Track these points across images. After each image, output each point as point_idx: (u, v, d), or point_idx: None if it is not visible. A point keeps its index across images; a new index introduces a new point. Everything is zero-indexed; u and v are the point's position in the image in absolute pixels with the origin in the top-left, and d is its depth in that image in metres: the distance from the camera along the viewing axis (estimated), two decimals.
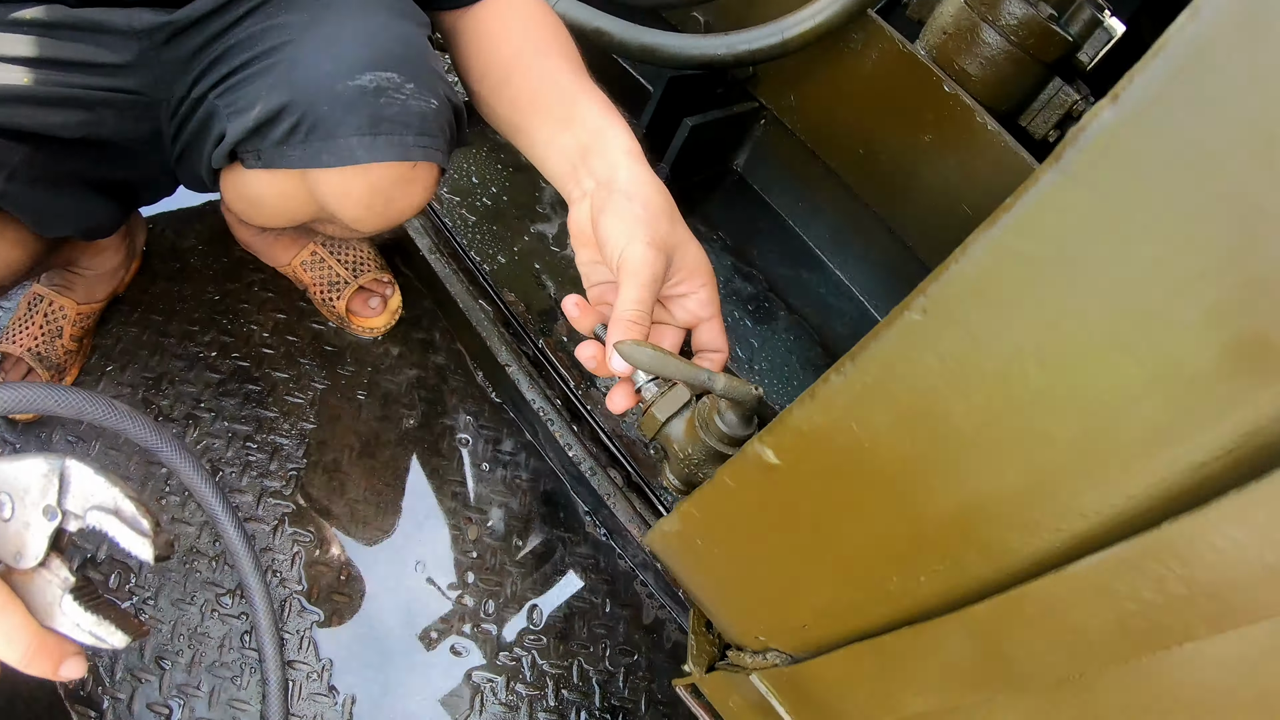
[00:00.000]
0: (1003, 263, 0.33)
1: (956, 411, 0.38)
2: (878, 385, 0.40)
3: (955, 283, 0.34)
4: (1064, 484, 0.37)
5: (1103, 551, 0.36)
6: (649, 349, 0.64)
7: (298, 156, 0.78)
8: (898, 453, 0.41)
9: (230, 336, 1.20)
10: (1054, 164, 0.31)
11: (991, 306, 0.34)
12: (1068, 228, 0.31)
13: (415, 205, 0.86)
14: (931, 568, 0.45)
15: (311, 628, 1.02)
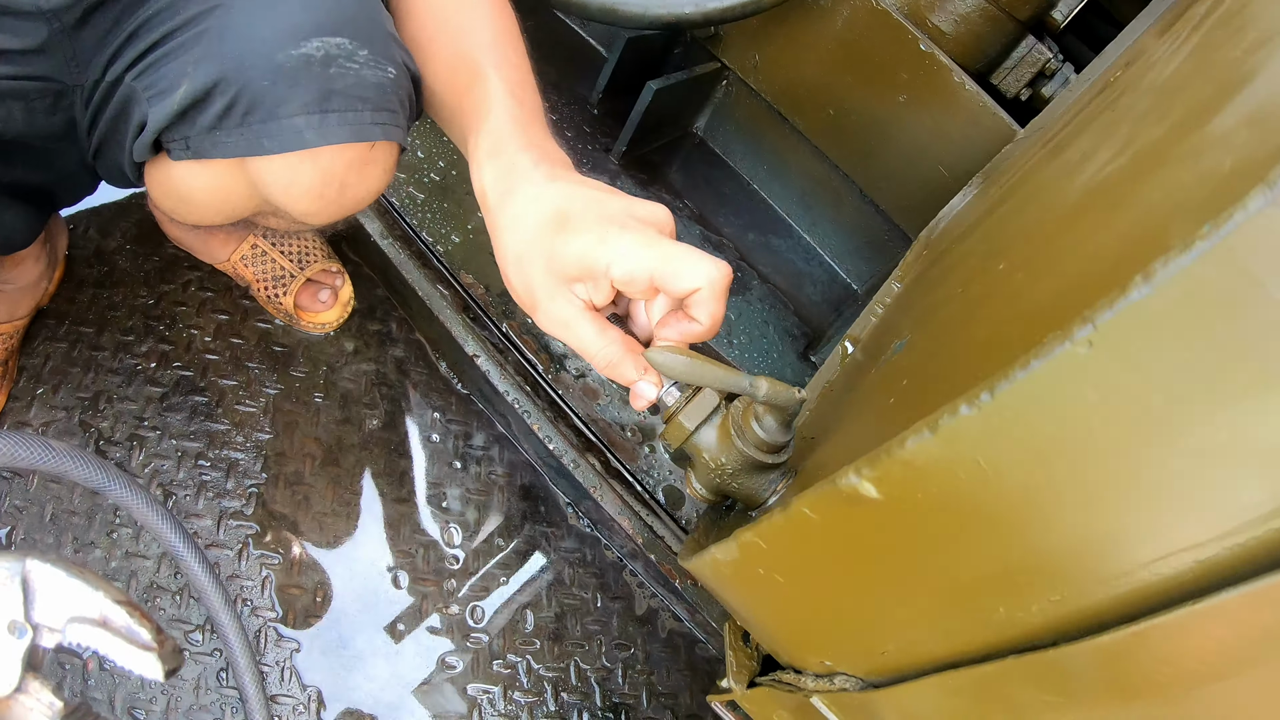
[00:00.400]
0: (1193, 295, 0.29)
1: (1105, 447, 0.34)
2: (1019, 419, 0.36)
3: (1135, 314, 0.30)
4: (1211, 519, 0.34)
5: (1240, 586, 0.35)
6: (684, 356, 0.59)
7: (234, 143, 0.67)
8: (1027, 486, 0.38)
9: (169, 344, 1.08)
10: (1265, 187, 0.27)
11: (1171, 341, 0.30)
12: (1268, 259, 0.27)
13: (373, 191, 0.76)
14: (1048, 597, 0.42)
15: (291, 656, 0.95)
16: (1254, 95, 0.40)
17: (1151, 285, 0.31)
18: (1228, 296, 0.29)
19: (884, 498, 0.42)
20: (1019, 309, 0.47)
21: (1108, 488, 0.36)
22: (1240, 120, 0.39)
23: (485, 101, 0.68)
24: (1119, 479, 0.36)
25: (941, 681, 0.48)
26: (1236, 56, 0.47)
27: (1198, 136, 0.42)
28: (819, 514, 0.46)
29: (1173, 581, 0.38)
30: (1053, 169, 0.71)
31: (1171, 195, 0.38)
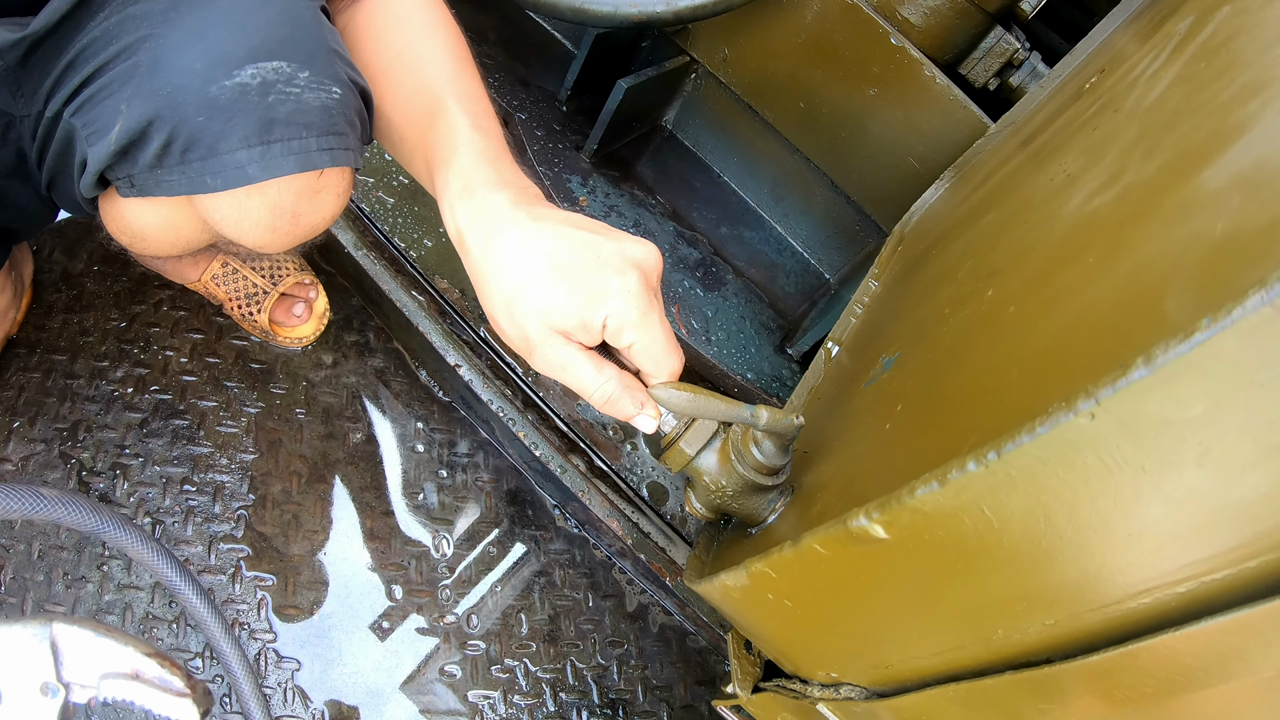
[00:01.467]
0: (1188, 379, 0.32)
1: (1104, 502, 0.37)
2: (1022, 476, 0.38)
3: (1134, 392, 0.33)
4: (1196, 559, 0.38)
5: (1222, 615, 0.38)
6: (686, 392, 0.60)
7: (177, 182, 0.64)
8: (1029, 533, 0.40)
9: (145, 368, 1.06)
10: (1263, 293, 0.30)
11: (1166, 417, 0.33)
12: (1263, 353, 0.30)
13: (327, 218, 0.72)
14: (1044, 622, 0.45)
15: (293, 677, 0.96)
16: (1244, 154, 0.42)
17: (1151, 368, 0.33)
18: (1220, 384, 0.32)
19: (892, 539, 0.45)
20: (1016, 351, 0.49)
21: (1102, 532, 0.39)
22: (1230, 180, 0.41)
23: (451, 138, 0.67)
24: (1112, 526, 0.38)
25: (943, 693, 0.51)
26: (1224, 102, 0.49)
27: (1189, 189, 0.44)
28: (829, 550, 0.48)
29: (1157, 610, 0.41)
30: (1039, 184, 0.72)
31: (1165, 252, 0.41)
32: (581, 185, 1.24)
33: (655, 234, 1.26)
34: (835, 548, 0.48)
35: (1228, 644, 0.39)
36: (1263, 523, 0.36)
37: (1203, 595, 0.39)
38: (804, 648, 0.60)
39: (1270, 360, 0.31)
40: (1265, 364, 0.31)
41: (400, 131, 0.73)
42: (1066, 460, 0.36)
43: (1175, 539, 0.38)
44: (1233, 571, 0.38)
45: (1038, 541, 0.41)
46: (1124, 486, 0.37)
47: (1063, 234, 0.56)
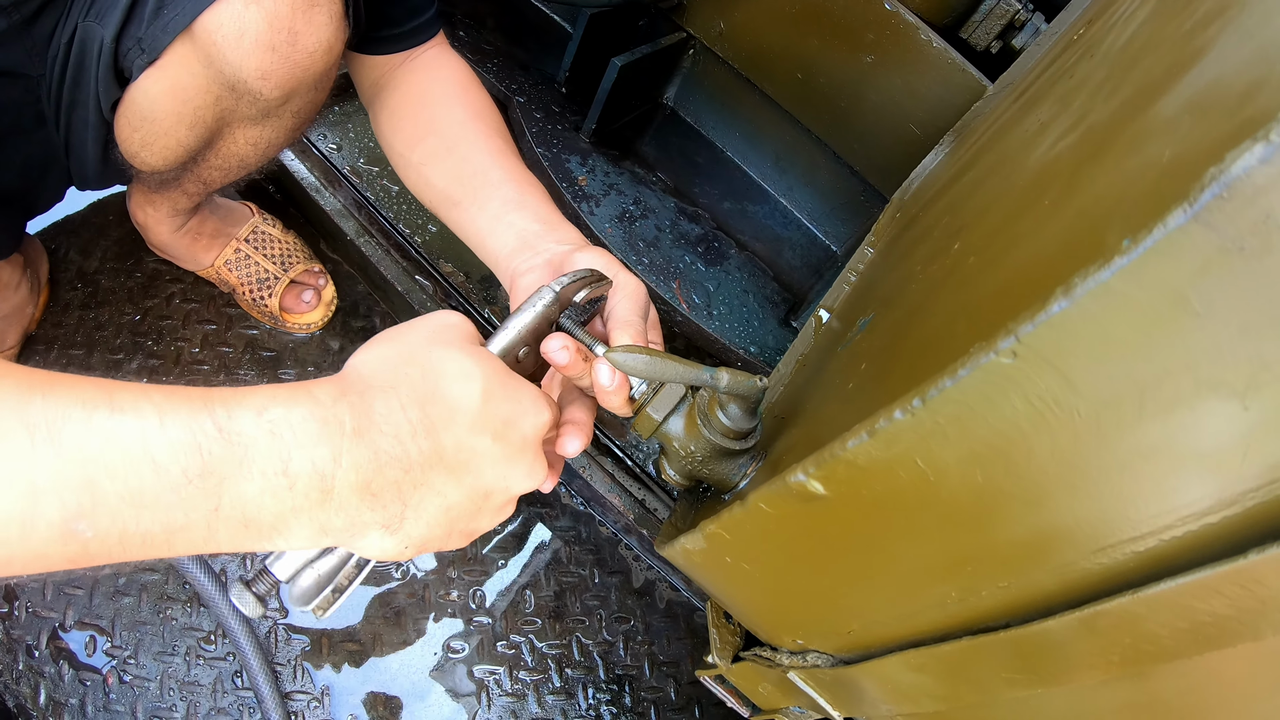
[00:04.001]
0: (1112, 308, 0.30)
1: (1040, 449, 0.36)
2: (951, 424, 0.37)
3: (1056, 327, 0.31)
4: (1146, 515, 0.36)
5: (1185, 575, 0.36)
6: (643, 354, 0.60)
7: (180, 13, 0.69)
8: (967, 485, 0.39)
9: (158, 359, 1.09)
10: (1186, 206, 0.28)
11: (1094, 352, 0.31)
12: (1191, 277, 0.28)
13: (324, 41, 0.75)
14: (996, 584, 0.44)
15: (302, 654, 0.98)
16: (1199, 78, 0.40)
17: (1071, 299, 0.31)
18: (1150, 310, 0.30)
19: (831, 494, 0.44)
20: (967, 300, 0.47)
21: (1045, 487, 0.38)
22: (1183, 105, 0.39)
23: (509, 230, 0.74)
24: (1052, 477, 0.37)
25: (905, 659, 0.50)
26: (1187, 30, 0.47)
27: (1144, 119, 0.42)
28: (773, 508, 0.48)
29: (1113, 570, 0.40)
30: (1015, 137, 0.71)
31: (1115, 186, 0.39)
32: (580, 165, 1.24)
33: (656, 210, 1.26)
34: (779, 505, 0.47)
35: (1194, 608, 0.37)
36: (1222, 473, 0.34)
37: (1162, 554, 0.38)
38: (768, 613, 0.59)
39: (1205, 284, 0.28)
40: (1200, 289, 0.29)
41: (469, 188, 0.79)
42: (993, 404, 0.35)
43: (1124, 491, 0.36)
44: (1193, 528, 0.36)
45: (977, 496, 0.40)
46: (1060, 433, 0.35)
47: (1026, 181, 0.54)
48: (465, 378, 0.48)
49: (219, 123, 0.81)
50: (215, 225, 1.11)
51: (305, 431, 0.42)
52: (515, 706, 1.04)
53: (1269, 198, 0.26)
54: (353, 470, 0.44)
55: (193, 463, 0.40)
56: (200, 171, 0.90)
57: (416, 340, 0.49)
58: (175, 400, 0.41)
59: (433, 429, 0.46)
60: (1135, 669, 0.43)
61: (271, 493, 0.42)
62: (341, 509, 0.44)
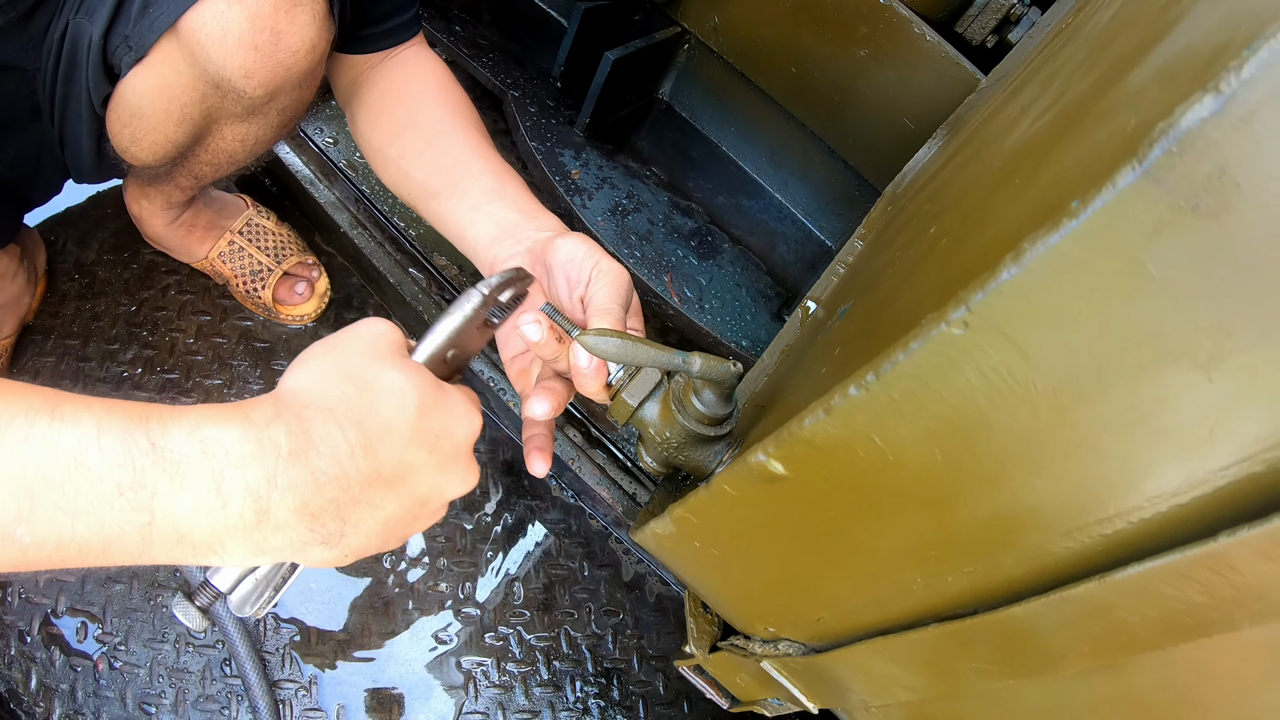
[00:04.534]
0: (1065, 275, 0.29)
1: (998, 425, 0.35)
2: (906, 399, 0.36)
3: (1006, 295, 0.31)
4: (1111, 496, 0.35)
5: (1154, 560, 0.35)
6: (615, 338, 0.60)
7: (165, 13, 0.71)
8: (927, 464, 0.39)
9: (153, 349, 1.09)
10: (1135, 163, 0.27)
11: (1047, 322, 0.30)
12: (1146, 238, 0.27)
13: (307, 40, 0.76)
14: (961, 569, 0.43)
15: (290, 643, 0.98)
16: (1169, 48, 0.39)
17: (1020, 266, 0.31)
18: (1103, 276, 0.29)
19: (791, 475, 0.43)
20: (936, 280, 0.47)
21: (1006, 466, 0.37)
22: (1153, 75, 0.38)
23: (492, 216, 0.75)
24: (1016, 457, 0.36)
25: (874, 648, 0.50)
26: (1162, 4, 0.46)
27: (1115, 91, 0.41)
28: (737, 490, 0.47)
29: (1080, 555, 0.39)
30: (996, 123, 0.70)
31: (1081, 158, 0.38)
32: (574, 159, 1.24)
33: (650, 204, 1.25)
34: (742, 487, 0.47)
35: (1165, 595, 0.36)
36: (1189, 451, 0.33)
37: (1131, 537, 0.37)
38: (739, 600, 0.59)
39: (1160, 247, 0.27)
40: (1155, 252, 0.28)
41: (449, 180, 0.80)
42: (946, 378, 0.35)
43: (1088, 471, 0.36)
44: (1161, 510, 0.36)
45: (938, 475, 0.39)
46: (1017, 408, 0.34)
47: (1002, 163, 0.54)
48: (400, 393, 0.48)
49: (206, 120, 0.81)
50: (209, 218, 1.11)
51: (239, 452, 0.42)
52: (503, 698, 1.03)
53: (1222, 150, 0.25)
54: (289, 493, 0.43)
55: (125, 475, 0.40)
56: (191, 167, 0.90)
57: (350, 356, 0.49)
58: (114, 414, 0.42)
59: (370, 447, 0.46)
60: (1110, 660, 0.42)
61: (205, 511, 0.42)
62: (279, 529, 0.44)
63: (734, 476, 0.47)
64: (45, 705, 0.88)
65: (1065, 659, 0.43)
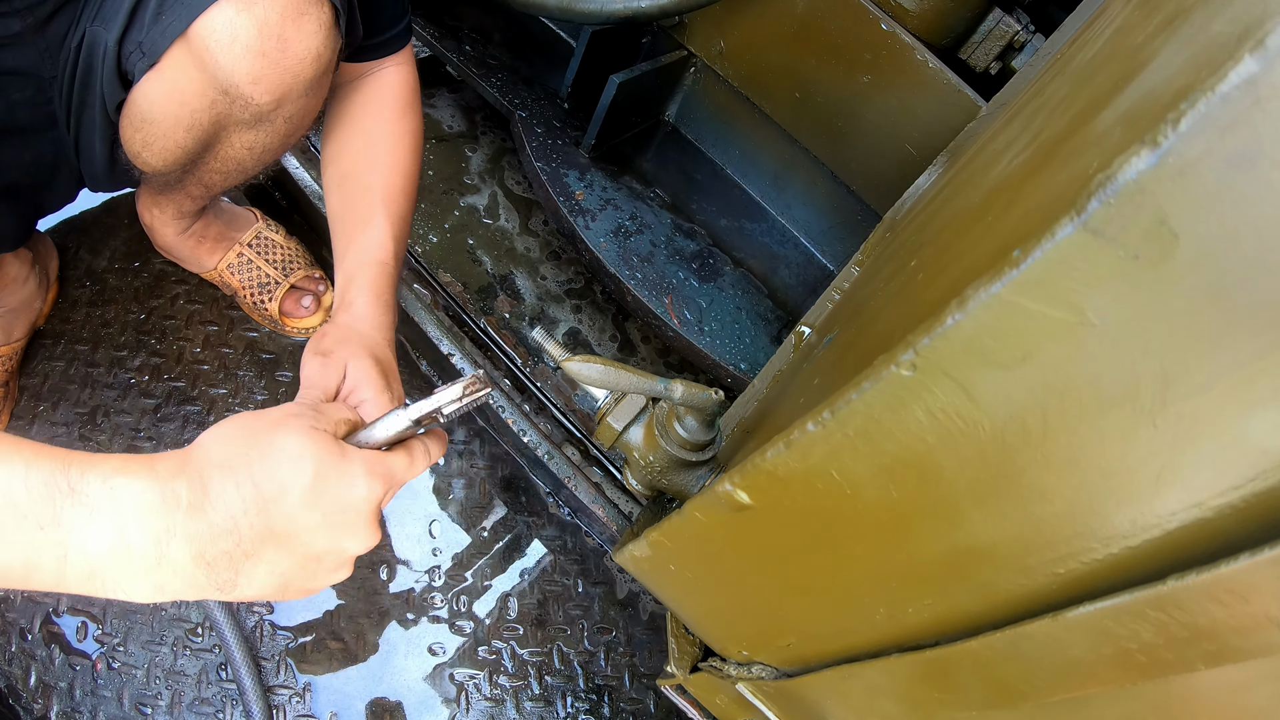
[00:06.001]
0: (1007, 321, 0.30)
1: (948, 464, 0.36)
2: (860, 437, 0.37)
3: (952, 339, 0.32)
4: (1062, 535, 0.36)
5: (1105, 600, 0.36)
6: (598, 364, 0.61)
7: (177, 18, 0.73)
8: (882, 499, 0.39)
9: (161, 357, 1.12)
10: (1073, 215, 0.28)
11: (992, 365, 0.31)
12: (1086, 288, 0.28)
13: (313, 48, 0.78)
14: (921, 601, 0.44)
15: (286, 650, 0.99)
16: (1138, 89, 0.40)
17: (964, 312, 0.32)
18: (1044, 323, 0.30)
19: (757, 504, 0.44)
20: (905, 315, 0.48)
21: (957, 504, 0.38)
22: (1118, 117, 0.39)
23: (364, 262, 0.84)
24: (967, 495, 0.37)
25: (840, 674, 0.50)
26: (1139, 42, 0.47)
27: (1084, 132, 0.42)
28: (707, 517, 0.48)
29: (1034, 592, 0.40)
30: (984, 156, 0.71)
31: (1044, 200, 0.39)
32: (579, 180, 1.26)
33: (653, 226, 1.27)
34: (711, 514, 0.48)
35: (1117, 634, 0.37)
36: (1135, 495, 0.34)
37: (1083, 577, 0.37)
38: (714, 623, 0.59)
39: (1100, 295, 0.28)
40: (1095, 300, 0.28)
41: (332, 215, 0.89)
42: (897, 417, 0.35)
43: (1036, 510, 0.36)
44: (1112, 551, 0.36)
45: (893, 511, 0.40)
46: (965, 448, 0.35)
47: (980, 198, 0.54)
48: (298, 458, 0.51)
49: (215, 126, 0.84)
50: (219, 229, 1.14)
51: (143, 502, 0.47)
52: (494, 711, 1.04)
53: (1160, 202, 0.26)
54: (186, 542, 0.48)
55: (46, 512, 0.45)
56: (201, 174, 0.93)
57: (261, 423, 0.52)
58: (42, 456, 0.46)
59: (264, 506, 0.49)
60: (1070, 695, 0.42)
61: (111, 552, 0.46)
62: (176, 574, 0.48)
63: (704, 504, 0.48)
64: (44, 702, 0.89)
65: (1025, 694, 0.43)
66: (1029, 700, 0.44)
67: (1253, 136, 0.24)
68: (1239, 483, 0.30)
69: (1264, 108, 0.23)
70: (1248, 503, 0.30)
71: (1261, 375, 0.28)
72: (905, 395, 0.34)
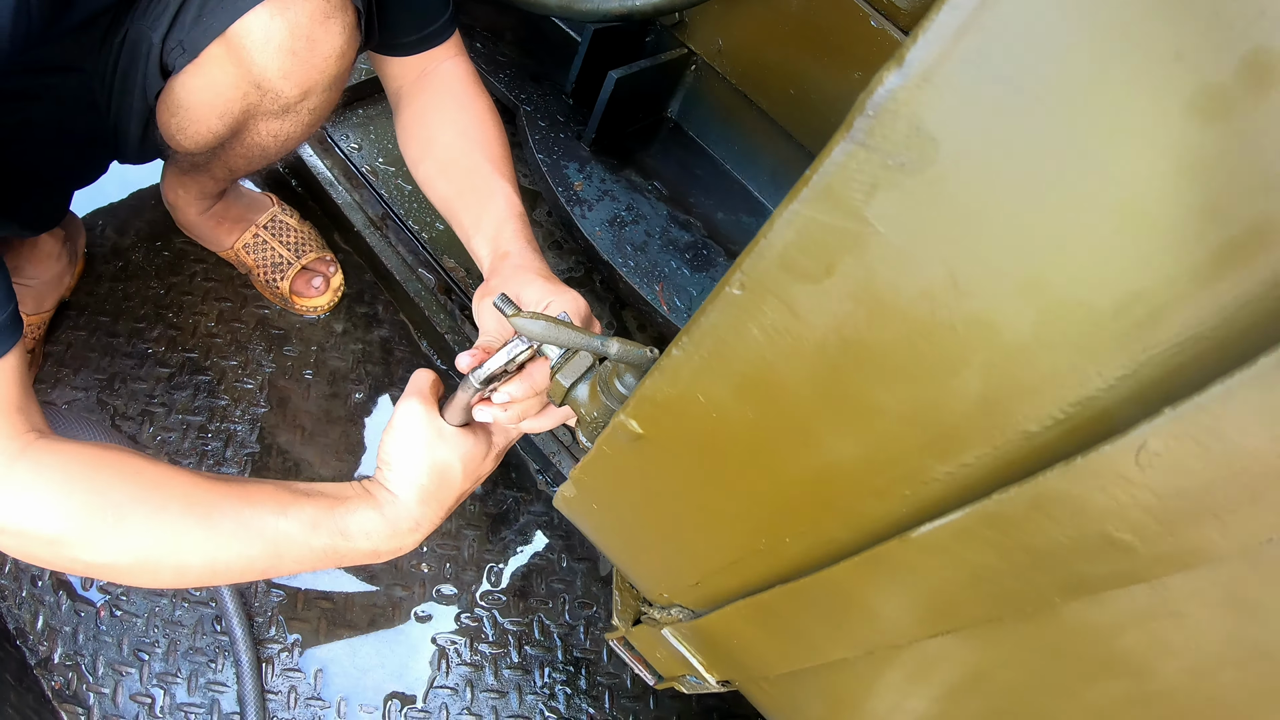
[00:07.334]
0: (807, 235, 0.33)
1: (790, 382, 0.39)
2: (713, 358, 0.40)
3: (766, 256, 0.35)
4: (903, 451, 0.38)
5: (941, 519, 0.37)
6: (541, 320, 0.65)
7: (217, 19, 0.81)
8: (744, 421, 0.42)
9: (177, 329, 1.20)
10: (845, 133, 0.31)
11: (802, 279, 0.34)
12: (865, 197, 0.31)
13: (338, 48, 0.86)
14: (795, 530, 0.46)
15: (278, 606, 1.05)
16: None
17: (774, 229, 0.35)
18: (838, 233, 0.33)
19: (647, 433, 0.48)
20: None
21: (806, 421, 0.40)
22: None
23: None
24: (813, 414, 0.40)
25: (736, 610, 0.53)
26: None
27: None
28: (612, 449, 0.51)
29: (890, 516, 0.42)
30: None
31: None
32: (578, 172, 1.30)
33: (648, 217, 1.31)
34: (615, 446, 0.51)
35: (962, 556, 0.37)
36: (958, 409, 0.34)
37: (930, 498, 0.38)
38: (637, 565, 0.63)
39: (879, 203, 0.31)
40: (875, 208, 0.30)
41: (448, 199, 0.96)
42: (739, 336, 0.38)
43: (874, 427, 0.38)
44: (951, 471, 0.36)
45: (754, 431, 0.42)
46: (799, 364, 0.37)
47: None
48: (449, 467, 0.76)
49: (245, 115, 0.91)
50: (238, 211, 1.22)
51: (377, 530, 0.74)
52: (473, 676, 1.08)
53: (913, 111, 0.29)
54: (398, 540, 0.77)
55: (327, 544, 0.73)
56: (226, 158, 1.00)
57: (428, 455, 0.76)
58: (320, 509, 0.72)
59: (441, 510, 0.78)
60: (942, 628, 0.44)
61: (357, 551, 0.74)
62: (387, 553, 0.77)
63: (609, 437, 0.51)
64: (49, 644, 0.96)
65: (896, 624, 0.45)
66: (903, 632, 0.46)
67: (983, 37, 0.26)
68: (1051, 406, 0.32)
69: (990, 8, 0.26)
70: (1066, 413, 0.32)
71: (1045, 270, 0.30)
72: (741, 315, 0.37)
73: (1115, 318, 0.28)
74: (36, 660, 0.95)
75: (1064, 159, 0.27)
